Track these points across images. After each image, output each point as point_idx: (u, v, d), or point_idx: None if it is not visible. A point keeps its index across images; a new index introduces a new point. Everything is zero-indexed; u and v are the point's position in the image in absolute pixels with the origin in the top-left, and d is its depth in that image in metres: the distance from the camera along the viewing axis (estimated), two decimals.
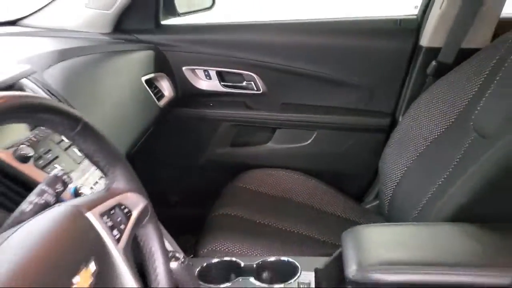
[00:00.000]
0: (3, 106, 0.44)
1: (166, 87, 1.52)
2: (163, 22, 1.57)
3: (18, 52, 1.15)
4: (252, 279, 0.91)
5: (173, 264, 0.76)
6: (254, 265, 0.95)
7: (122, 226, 0.58)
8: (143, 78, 1.40)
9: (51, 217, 0.51)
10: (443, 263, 0.78)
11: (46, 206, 0.59)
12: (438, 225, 0.92)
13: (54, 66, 1.07)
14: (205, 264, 0.96)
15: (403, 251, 0.82)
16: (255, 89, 1.58)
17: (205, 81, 1.59)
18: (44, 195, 0.61)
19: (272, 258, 0.96)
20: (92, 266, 0.49)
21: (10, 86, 0.87)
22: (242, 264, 0.95)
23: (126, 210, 0.60)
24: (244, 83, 1.58)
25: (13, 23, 1.46)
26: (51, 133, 0.87)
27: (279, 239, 1.20)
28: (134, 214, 0.61)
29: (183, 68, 1.56)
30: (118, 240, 0.56)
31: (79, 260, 0.48)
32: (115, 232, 0.56)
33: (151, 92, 1.42)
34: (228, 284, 0.91)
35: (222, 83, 1.59)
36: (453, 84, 1.25)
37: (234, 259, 0.97)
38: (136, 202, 0.62)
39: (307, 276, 0.90)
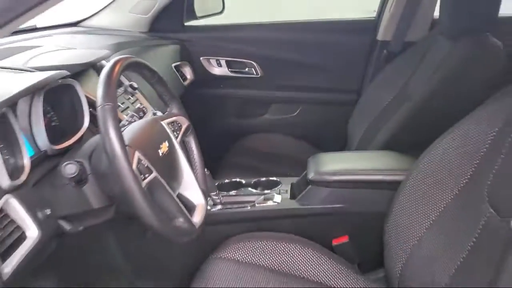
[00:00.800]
0: (125, 62, 0.93)
1: (188, 72, 2.00)
2: (186, 24, 2.05)
3: (84, 45, 1.63)
4: (250, 189, 1.39)
5: None
6: (252, 182, 1.42)
7: (177, 132, 1.07)
8: (173, 65, 1.88)
9: (145, 121, 1.00)
10: (365, 169, 1.26)
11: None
12: (370, 151, 1.41)
13: (115, 54, 1.55)
14: (220, 182, 1.44)
15: (343, 164, 1.29)
16: (255, 73, 2.05)
17: (217, 68, 2.07)
18: (133, 118, 1.11)
19: (263, 178, 1.43)
20: (167, 143, 0.98)
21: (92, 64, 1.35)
22: (244, 182, 1.43)
23: (179, 125, 1.09)
24: (246, 69, 2.05)
25: (75, 24, 1.95)
26: (123, 93, 1.36)
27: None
28: (183, 127, 1.09)
29: (201, 58, 2.04)
30: (176, 138, 1.05)
31: (161, 139, 0.97)
32: (175, 133, 1.05)
33: (178, 75, 1.90)
34: (234, 191, 1.38)
35: (229, 69, 2.06)
36: (397, 68, 1.69)
37: (238, 179, 1.45)
38: (184, 122, 1.10)
39: (286, 187, 1.38)
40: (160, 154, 0.93)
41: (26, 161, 0.88)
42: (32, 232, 0.84)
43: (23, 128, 0.93)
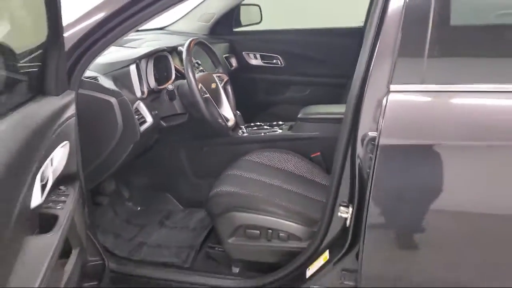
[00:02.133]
0: (196, 40, 1.80)
1: (234, 62, 2.85)
2: (234, 29, 2.92)
3: (168, 40, 2.52)
4: (265, 126, 2.20)
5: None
6: (268, 123, 2.23)
7: (221, 81, 1.92)
8: (223, 56, 2.75)
9: (204, 73, 1.86)
10: (331, 112, 2.03)
11: None
12: (338, 105, 2.18)
13: None
14: (248, 124, 2.26)
15: (319, 109, 2.08)
16: (279, 64, 2.86)
17: (253, 59, 2.90)
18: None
19: (274, 122, 2.24)
20: (214, 84, 1.83)
21: (175, 48, 2.22)
22: (262, 123, 2.24)
23: (222, 78, 1.94)
24: (274, 61, 2.86)
25: (161, 28, 2.87)
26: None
27: None
28: (224, 80, 1.95)
29: (243, 52, 2.89)
30: (220, 84, 1.89)
31: (211, 81, 1.83)
32: (220, 82, 1.90)
33: (227, 63, 2.76)
34: (256, 127, 2.19)
35: (262, 61, 2.89)
36: None
37: (258, 122, 2.25)
38: (225, 77, 1.97)
39: (287, 126, 2.18)
40: (211, 88, 1.78)
41: (146, 89, 1.76)
42: (149, 119, 1.71)
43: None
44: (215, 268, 1.80)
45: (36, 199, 1.03)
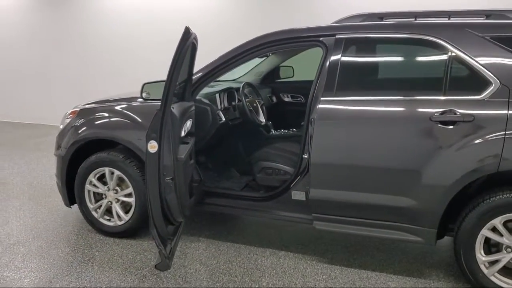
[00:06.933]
0: (247, 83, 3.56)
1: (274, 99, 4.57)
2: (276, 80, 4.68)
3: (236, 85, 4.32)
4: (285, 130, 3.86)
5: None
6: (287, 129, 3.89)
7: (259, 103, 3.64)
8: (268, 95, 4.49)
9: (250, 98, 3.60)
10: None
11: None
12: None
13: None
14: (275, 130, 3.93)
15: None
16: (301, 101, 4.53)
17: (286, 98, 4.61)
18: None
19: (290, 129, 3.88)
20: (256, 104, 3.56)
21: (238, 88, 4.00)
22: (286, 130, 3.90)
23: (262, 102, 3.66)
24: (298, 99, 4.55)
25: (234, 80, 4.69)
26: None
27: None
28: (261, 103, 3.67)
29: (280, 93, 4.61)
30: (259, 104, 3.62)
31: (254, 103, 3.56)
32: (259, 103, 3.62)
33: (269, 99, 4.49)
34: (280, 132, 3.86)
35: (292, 99, 4.59)
36: None
37: (281, 129, 3.92)
38: (261, 101, 3.68)
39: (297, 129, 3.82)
40: (253, 105, 3.51)
41: (222, 105, 3.53)
42: (223, 118, 3.44)
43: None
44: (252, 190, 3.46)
45: (183, 133, 2.79)
